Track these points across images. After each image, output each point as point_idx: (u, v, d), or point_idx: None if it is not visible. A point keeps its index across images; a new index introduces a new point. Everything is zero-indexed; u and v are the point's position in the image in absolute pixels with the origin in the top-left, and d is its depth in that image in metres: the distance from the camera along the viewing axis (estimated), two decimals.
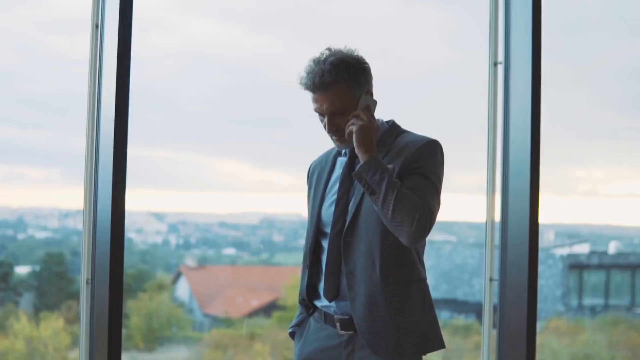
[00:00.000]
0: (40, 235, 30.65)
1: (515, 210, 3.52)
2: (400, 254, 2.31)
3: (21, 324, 16.34)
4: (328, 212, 2.40)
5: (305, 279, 2.45)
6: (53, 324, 16.68)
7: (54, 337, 16.33)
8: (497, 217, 3.63)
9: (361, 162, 2.26)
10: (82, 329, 3.05)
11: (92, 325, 2.98)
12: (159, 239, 29.96)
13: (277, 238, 34.84)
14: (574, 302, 21.62)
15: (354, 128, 2.28)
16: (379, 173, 2.21)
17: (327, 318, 2.40)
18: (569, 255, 22.23)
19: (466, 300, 23.34)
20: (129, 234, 33.67)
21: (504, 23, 3.62)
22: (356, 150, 2.28)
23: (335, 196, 2.40)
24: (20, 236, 30.32)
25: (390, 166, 2.27)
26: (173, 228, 31.53)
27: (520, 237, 3.49)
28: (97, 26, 3.05)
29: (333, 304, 2.37)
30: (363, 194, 2.30)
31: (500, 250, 3.58)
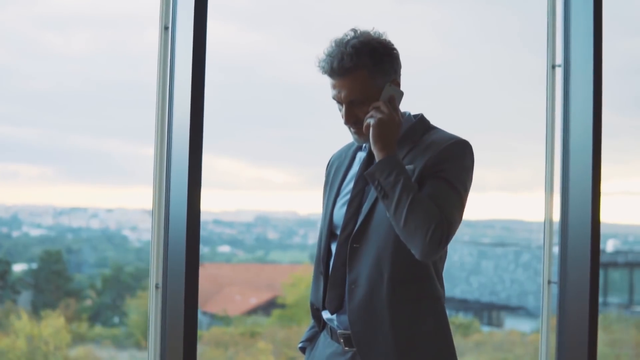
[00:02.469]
0: (35, 232, 30.52)
1: (576, 211, 3.50)
2: (414, 268, 2.04)
3: (22, 322, 16.25)
4: (340, 212, 2.16)
5: (321, 288, 2.18)
6: (54, 322, 16.61)
7: (55, 335, 16.26)
8: (556, 217, 3.61)
9: (376, 161, 2.01)
10: (151, 335, 2.98)
11: (164, 331, 2.92)
12: None
13: (272, 236, 34.79)
14: None
15: (371, 121, 2.03)
16: (395, 174, 1.96)
17: (333, 333, 2.15)
18: None
19: (464, 298, 23.38)
20: (124, 231, 33.56)
21: (562, 25, 3.59)
22: (372, 147, 2.03)
23: (348, 195, 2.15)
24: (15, 234, 30.18)
25: (410, 167, 2.02)
26: None
27: (581, 238, 3.47)
28: (166, 28, 2.99)
29: (334, 316, 2.13)
30: None
31: (560, 252, 3.55)
